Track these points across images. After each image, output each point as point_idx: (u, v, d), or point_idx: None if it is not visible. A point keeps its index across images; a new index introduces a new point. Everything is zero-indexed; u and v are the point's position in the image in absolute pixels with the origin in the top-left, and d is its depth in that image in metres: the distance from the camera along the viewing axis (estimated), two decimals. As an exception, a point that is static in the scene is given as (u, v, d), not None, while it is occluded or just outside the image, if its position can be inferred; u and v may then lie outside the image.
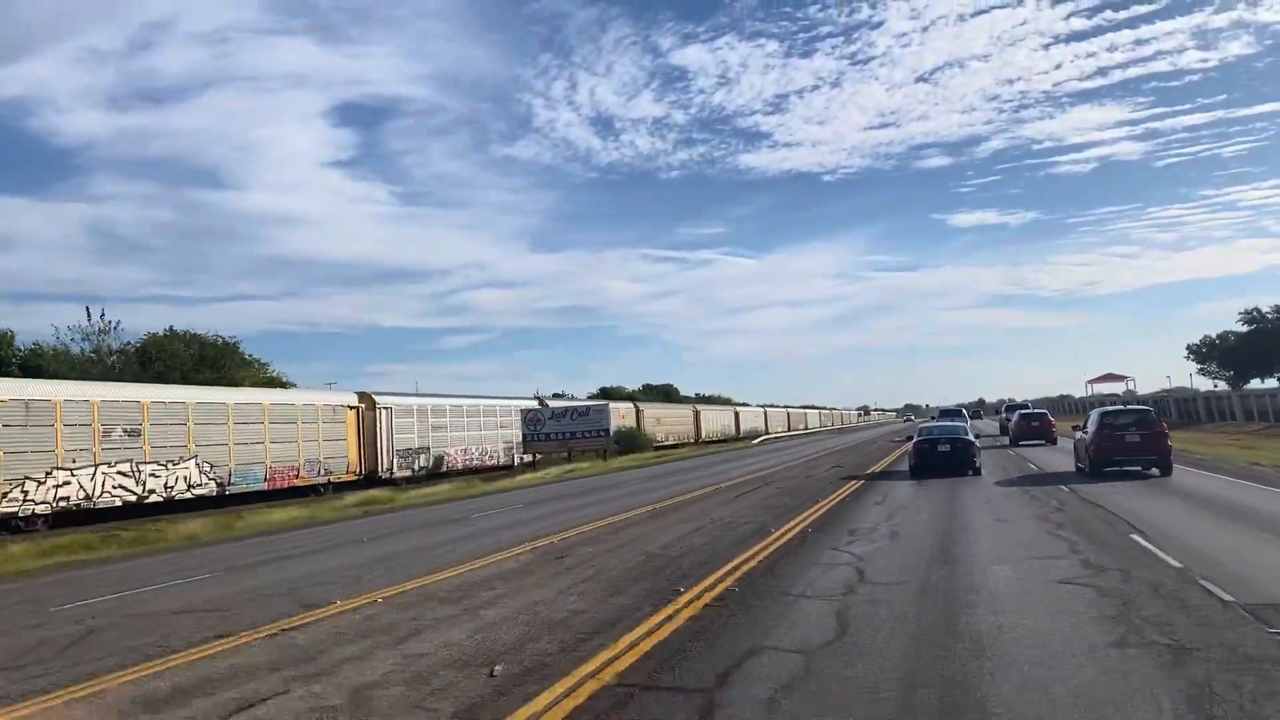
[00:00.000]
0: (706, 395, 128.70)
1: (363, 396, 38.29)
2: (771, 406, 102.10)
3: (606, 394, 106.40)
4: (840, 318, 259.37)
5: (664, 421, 59.73)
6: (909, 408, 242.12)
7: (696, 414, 69.39)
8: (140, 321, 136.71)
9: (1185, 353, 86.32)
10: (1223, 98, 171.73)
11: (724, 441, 72.17)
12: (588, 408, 51.54)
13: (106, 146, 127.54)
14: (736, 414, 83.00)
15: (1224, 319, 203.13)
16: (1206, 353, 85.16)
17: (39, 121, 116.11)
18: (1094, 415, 23.26)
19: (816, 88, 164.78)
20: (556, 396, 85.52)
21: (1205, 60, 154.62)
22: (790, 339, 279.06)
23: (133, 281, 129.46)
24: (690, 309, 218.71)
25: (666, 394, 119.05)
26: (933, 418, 59.58)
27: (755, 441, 77.02)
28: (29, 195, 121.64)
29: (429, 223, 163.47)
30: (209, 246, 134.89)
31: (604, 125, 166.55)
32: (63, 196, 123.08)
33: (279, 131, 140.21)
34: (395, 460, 39.08)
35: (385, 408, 38.90)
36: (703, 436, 67.98)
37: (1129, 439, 21.67)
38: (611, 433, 51.17)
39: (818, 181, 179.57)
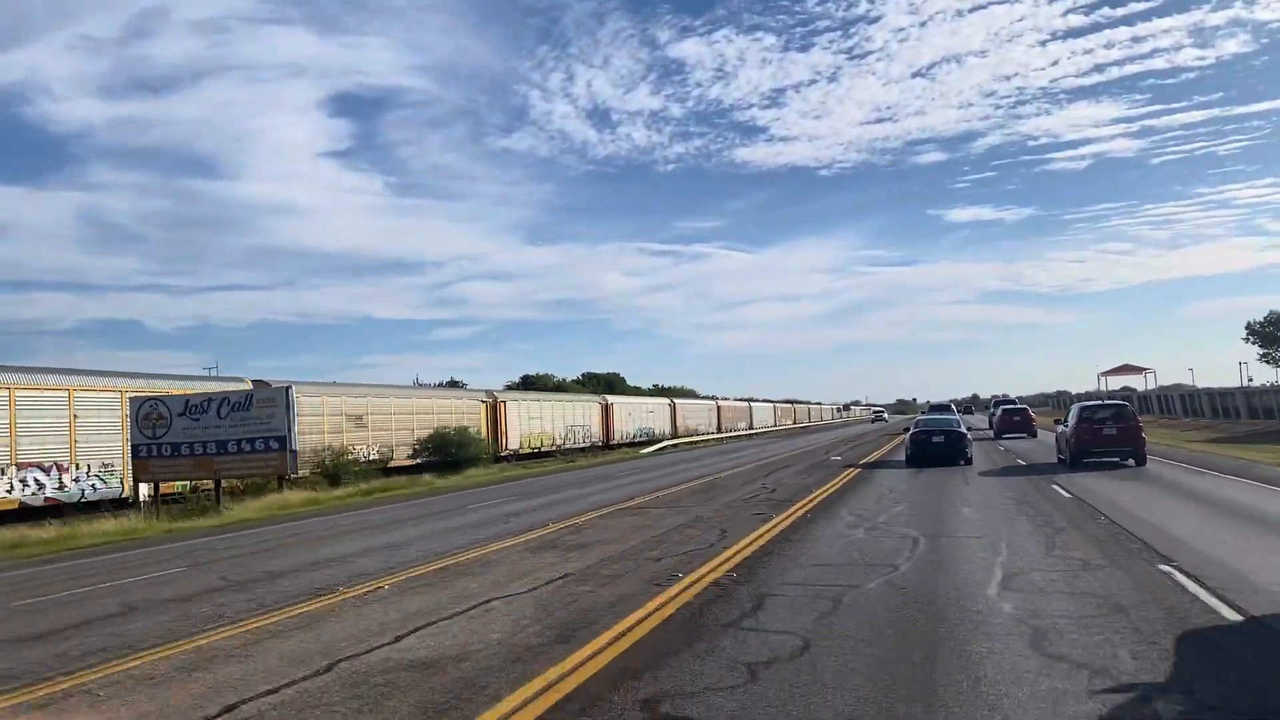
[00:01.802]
0: (666, 387, 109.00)
1: None
2: (690, 399, 78.28)
3: (529, 384, 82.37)
4: (835, 312, 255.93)
5: (375, 422, 35.77)
6: (901, 402, 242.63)
7: (493, 407, 42.25)
8: (133, 311, 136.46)
9: (1244, 334, 71.54)
10: (1219, 95, 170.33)
11: (555, 454, 47.66)
12: (247, 396, 27.89)
13: (102, 135, 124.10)
14: (606, 408, 55.11)
15: (1217, 316, 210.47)
16: (1273, 333, 64.03)
17: (34, 109, 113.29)
18: (1074, 410, 24.80)
19: (814, 82, 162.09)
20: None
21: (1202, 58, 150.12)
22: (785, 334, 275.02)
23: (126, 270, 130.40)
24: (686, 303, 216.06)
25: (610, 384, 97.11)
26: (923, 412, 61.79)
27: (650, 450, 53.74)
28: (23, 183, 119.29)
29: (424, 214, 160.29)
30: (203, 236, 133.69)
31: (600, 118, 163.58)
32: (57, 185, 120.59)
33: (275, 121, 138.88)
34: None
35: None
36: (509, 446, 43.10)
37: (1106, 432, 23.01)
38: (293, 441, 27.71)
39: (814, 176, 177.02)
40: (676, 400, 68.52)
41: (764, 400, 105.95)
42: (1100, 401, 29.03)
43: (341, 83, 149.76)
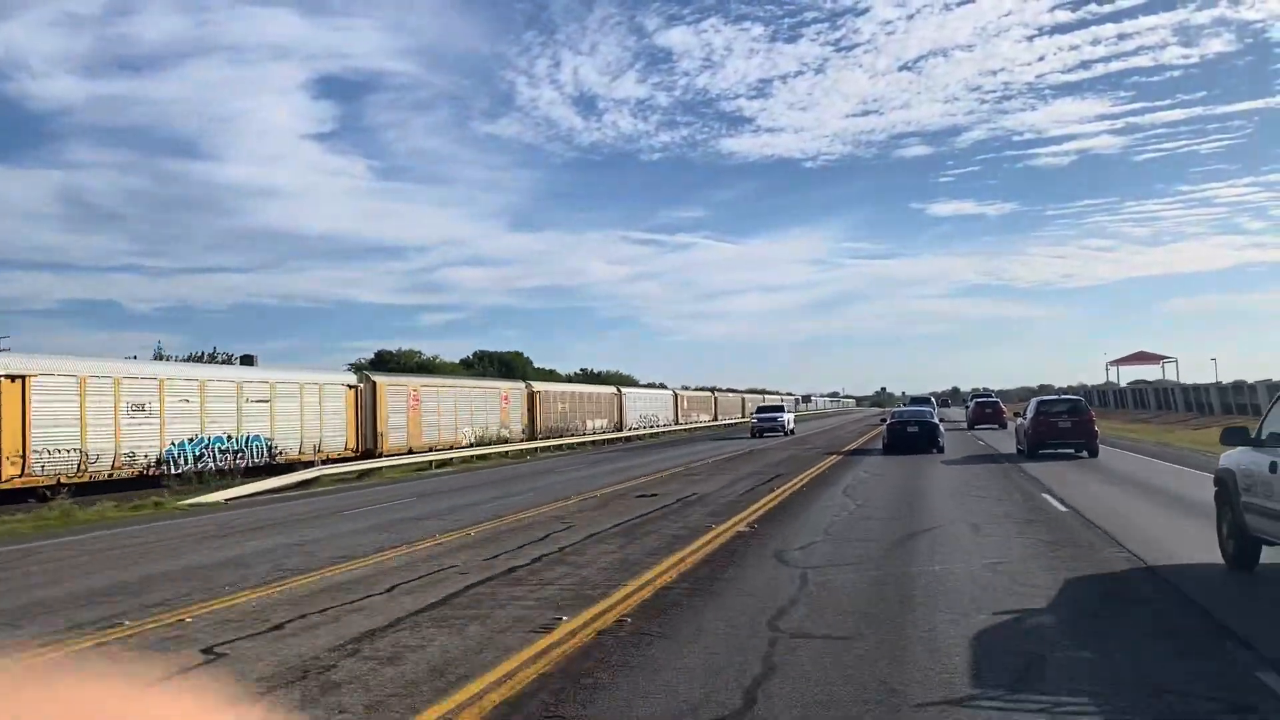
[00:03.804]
0: (597, 372, 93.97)
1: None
2: (457, 379, 50.31)
3: (382, 361, 64.91)
4: (818, 304, 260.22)
5: None
6: (879, 394, 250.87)
7: None
8: (111, 291, 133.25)
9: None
10: (1202, 94, 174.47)
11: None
12: None
13: (82, 113, 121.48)
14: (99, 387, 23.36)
15: (1201, 314, 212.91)
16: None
17: (13, 86, 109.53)
18: (1032, 404, 27.03)
19: (800, 73, 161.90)
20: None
21: (1186, 57, 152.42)
22: (767, 324, 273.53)
23: (106, 251, 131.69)
24: (669, 293, 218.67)
25: (508, 366, 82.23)
26: (901, 404, 66.13)
27: (312, 477, 28.19)
28: (1, 160, 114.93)
29: (408, 199, 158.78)
30: (184, 217, 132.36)
31: (587, 105, 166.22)
32: (36, 163, 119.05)
33: (258, 103, 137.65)
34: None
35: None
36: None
37: (1061, 425, 25.15)
38: None
39: (798, 168, 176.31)
40: (377, 380, 35.91)
41: (650, 386, 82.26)
42: (1057, 397, 32.40)
43: (326, 65, 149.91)
